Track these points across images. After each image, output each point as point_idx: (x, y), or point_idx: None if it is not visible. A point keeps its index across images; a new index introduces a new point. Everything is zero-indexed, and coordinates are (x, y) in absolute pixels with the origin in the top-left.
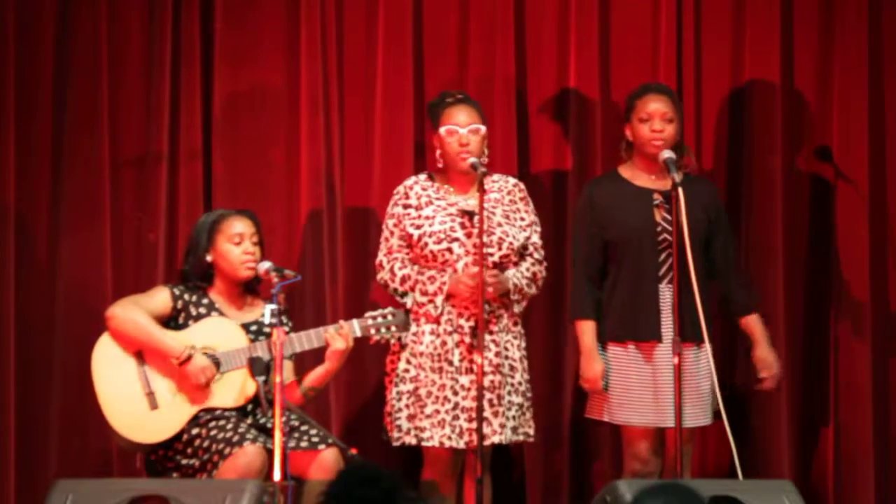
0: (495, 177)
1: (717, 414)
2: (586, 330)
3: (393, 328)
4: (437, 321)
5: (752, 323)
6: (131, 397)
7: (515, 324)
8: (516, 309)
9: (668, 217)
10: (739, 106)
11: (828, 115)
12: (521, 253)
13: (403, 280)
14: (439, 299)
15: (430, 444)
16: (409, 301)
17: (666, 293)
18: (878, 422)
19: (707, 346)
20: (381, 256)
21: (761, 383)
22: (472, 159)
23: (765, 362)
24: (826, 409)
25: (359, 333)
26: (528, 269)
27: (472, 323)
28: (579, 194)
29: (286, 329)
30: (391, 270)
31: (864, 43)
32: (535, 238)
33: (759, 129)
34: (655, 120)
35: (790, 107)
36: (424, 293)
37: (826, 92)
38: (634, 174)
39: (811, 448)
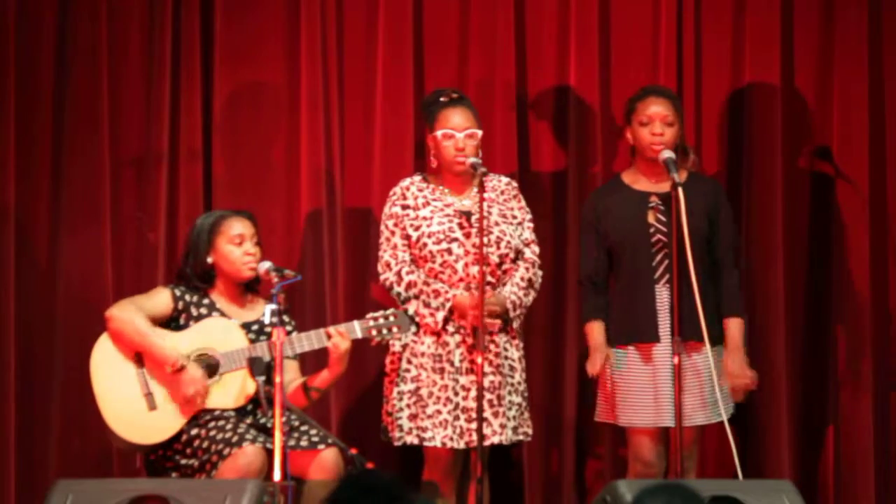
0: (489, 176)
1: (727, 411)
2: (594, 329)
3: (394, 329)
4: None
5: (727, 327)
6: (130, 398)
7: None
8: (516, 325)
9: (663, 219)
10: (739, 106)
11: (828, 115)
12: (518, 251)
13: (409, 286)
14: (440, 315)
15: (432, 444)
16: (410, 309)
17: (663, 294)
18: (878, 422)
19: (707, 346)
20: (386, 257)
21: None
22: (473, 159)
23: (728, 372)
24: (826, 409)
25: (360, 335)
26: (522, 279)
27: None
28: (580, 196)
29: (288, 329)
30: (398, 274)
31: (864, 43)
32: (528, 234)
33: (759, 129)
34: (656, 123)
35: (790, 107)
36: (427, 305)
37: (826, 92)
38: (636, 178)
39: (811, 448)
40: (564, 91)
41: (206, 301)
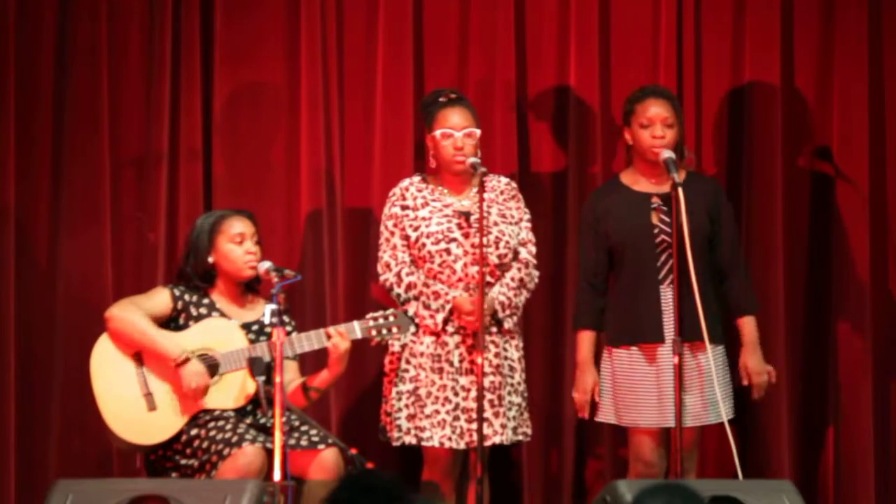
0: (489, 176)
1: (727, 413)
2: (584, 341)
3: (394, 329)
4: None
5: (743, 325)
6: (129, 398)
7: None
8: (507, 325)
9: (666, 219)
10: (739, 106)
11: (828, 115)
12: (517, 250)
13: (409, 287)
14: (440, 317)
15: (429, 444)
16: (410, 310)
17: (668, 294)
18: (878, 422)
19: (708, 346)
20: (386, 258)
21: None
22: (473, 158)
23: (746, 369)
24: (826, 409)
25: (359, 335)
26: (512, 279)
27: None
28: (580, 196)
29: (288, 329)
30: (398, 275)
31: (864, 43)
32: (525, 234)
33: (759, 129)
34: (657, 126)
35: (790, 107)
36: (427, 307)
37: (826, 92)
38: (635, 179)
39: (811, 448)
40: (564, 91)
41: (205, 301)
